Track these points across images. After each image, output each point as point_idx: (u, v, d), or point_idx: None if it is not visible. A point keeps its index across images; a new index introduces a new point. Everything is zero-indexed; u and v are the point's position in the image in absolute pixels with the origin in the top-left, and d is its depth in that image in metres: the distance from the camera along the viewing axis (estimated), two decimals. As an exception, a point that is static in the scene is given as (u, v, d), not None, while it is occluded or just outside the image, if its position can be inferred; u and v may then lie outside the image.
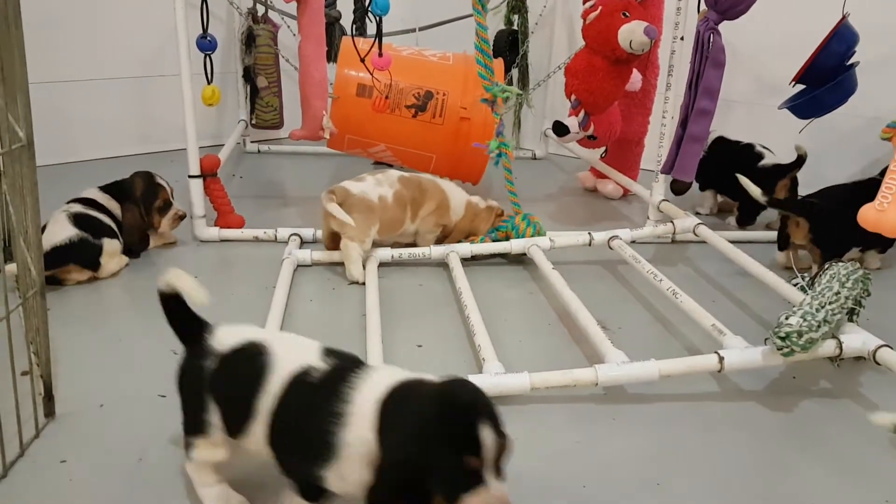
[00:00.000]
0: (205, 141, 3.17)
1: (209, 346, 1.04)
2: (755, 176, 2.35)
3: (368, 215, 1.91)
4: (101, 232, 1.86)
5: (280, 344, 1.03)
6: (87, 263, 1.82)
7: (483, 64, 1.94)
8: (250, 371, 0.99)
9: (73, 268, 1.81)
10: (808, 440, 1.28)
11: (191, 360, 1.06)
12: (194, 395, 1.04)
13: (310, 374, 0.96)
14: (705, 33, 1.82)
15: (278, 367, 0.98)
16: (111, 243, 1.87)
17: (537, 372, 1.34)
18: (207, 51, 2.08)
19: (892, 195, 1.39)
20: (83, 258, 1.81)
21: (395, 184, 2.00)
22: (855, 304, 1.45)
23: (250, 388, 0.98)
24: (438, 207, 2.06)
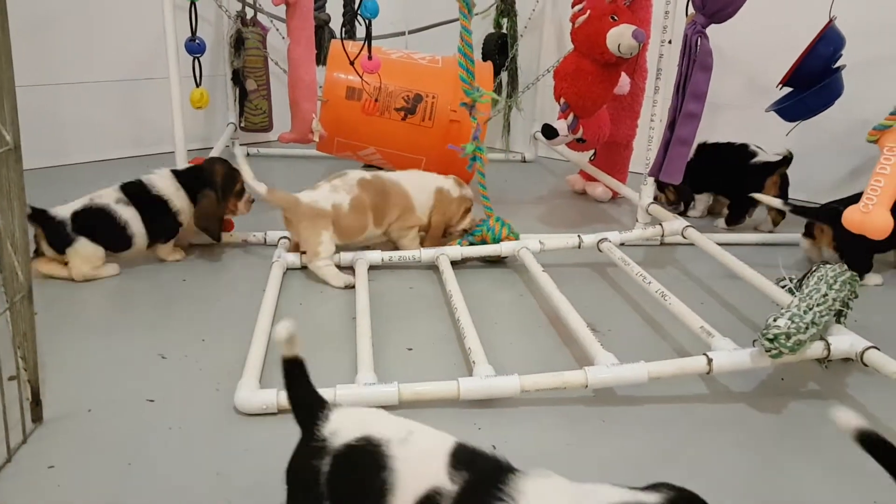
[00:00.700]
0: (194, 144, 3.16)
1: (323, 440, 0.88)
2: (746, 173, 2.38)
3: (316, 223, 1.88)
4: (96, 232, 1.85)
5: (403, 445, 0.85)
6: (55, 244, 1.83)
7: (465, 67, 1.95)
8: (367, 486, 0.83)
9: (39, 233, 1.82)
10: (796, 441, 1.28)
11: (304, 454, 0.90)
12: (304, 495, 0.90)
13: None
14: (693, 37, 1.83)
15: (401, 487, 0.81)
16: (88, 247, 1.84)
17: (527, 374, 1.34)
18: (196, 54, 2.08)
19: (876, 197, 1.40)
20: (55, 238, 1.82)
21: (353, 189, 1.95)
22: (842, 306, 1.46)
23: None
24: (402, 213, 2.02)
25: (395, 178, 2.05)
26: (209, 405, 1.33)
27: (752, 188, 2.36)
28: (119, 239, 1.89)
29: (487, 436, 1.26)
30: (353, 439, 0.86)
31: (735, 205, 2.45)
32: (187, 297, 1.80)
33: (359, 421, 0.89)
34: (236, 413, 1.30)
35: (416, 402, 1.33)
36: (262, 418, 1.29)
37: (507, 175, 3.12)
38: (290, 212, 1.91)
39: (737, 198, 2.44)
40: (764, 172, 2.37)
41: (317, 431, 0.89)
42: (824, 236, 2.01)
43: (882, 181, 1.39)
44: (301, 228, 1.90)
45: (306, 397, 0.94)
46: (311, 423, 0.90)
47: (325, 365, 1.48)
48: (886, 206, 1.39)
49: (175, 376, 1.43)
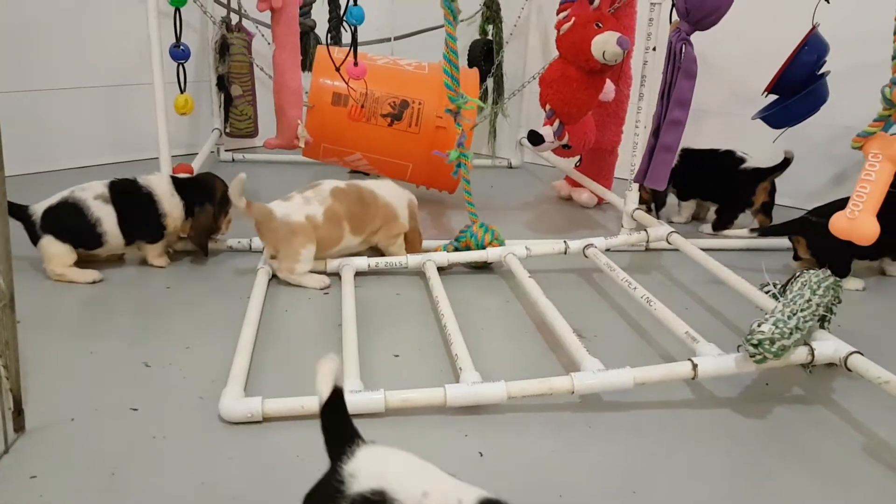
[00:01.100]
0: (178, 150, 3.15)
1: (341, 480, 0.84)
2: (737, 180, 2.41)
3: (291, 241, 1.86)
4: (64, 229, 1.84)
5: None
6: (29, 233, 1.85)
7: (449, 74, 1.95)
8: None
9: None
10: (782, 446, 1.29)
11: (323, 491, 0.86)
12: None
13: None
14: (677, 44, 1.84)
15: None
16: (53, 245, 1.84)
17: (514, 381, 1.34)
18: (180, 60, 2.07)
19: (863, 203, 1.41)
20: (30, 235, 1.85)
21: (326, 199, 1.93)
22: (826, 311, 1.47)
23: None
24: (386, 222, 2.02)
25: (371, 187, 2.03)
26: (193, 414, 1.32)
27: (744, 194, 2.40)
28: (88, 236, 1.88)
29: (474, 443, 1.26)
30: (367, 490, 0.82)
31: (724, 210, 2.46)
32: (171, 305, 1.79)
33: (380, 467, 0.84)
34: (221, 421, 1.29)
35: (402, 410, 1.32)
36: (246, 427, 1.28)
37: (494, 181, 3.13)
38: (264, 225, 1.88)
39: (726, 204, 2.46)
40: (756, 178, 2.40)
41: (339, 469, 0.85)
42: (800, 247, 2.03)
43: (867, 187, 1.41)
44: (278, 244, 1.88)
45: (339, 428, 0.90)
46: (337, 458, 0.87)
47: (310, 372, 1.46)
48: (872, 212, 1.40)
49: (159, 384, 1.42)
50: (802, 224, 2.03)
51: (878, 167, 1.41)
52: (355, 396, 1.30)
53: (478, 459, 1.22)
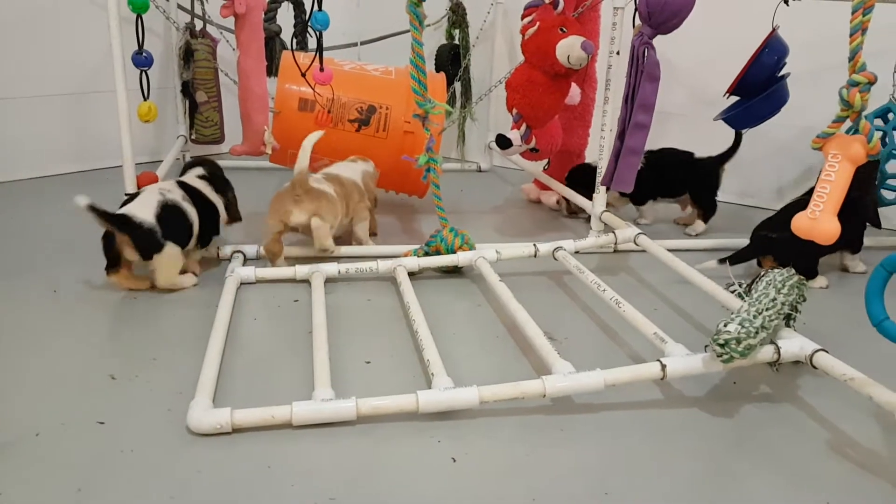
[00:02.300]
0: (143, 157, 3.11)
1: None
2: (695, 170, 2.48)
3: (334, 207, 2.03)
4: (178, 235, 1.83)
5: None
6: (142, 250, 1.79)
7: (416, 79, 1.95)
8: None
9: (126, 241, 1.77)
10: (750, 444, 1.31)
11: None
12: None
13: None
14: (640, 48, 1.86)
15: None
16: (174, 251, 1.81)
17: (486, 385, 1.34)
18: (143, 67, 2.04)
19: (823, 203, 1.44)
20: (142, 238, 1.78)
21: (329, 183, 2.08)
22: (791, 310, 1.50)
23: None
24: (359, 195, 2.20)
25: (337, 173, 2.20)
26: (161, 426, 1.30)
27: (710, 182, 2.47)
28: (186, 238, 1.87)
29: (447, 449, 1.26)
30: None
31: (702, 202, 2.52)
32: (137, 315, 1.76)
33: None
34: (189, 433, 1.27)
35: (374, 417, 1.32)
36: (215, 438, 1.26)
37: (463, 184, 3.13)
38: (306, 193, 1.96)
39: (700, 195, 2.51)
40: (717, 164, 2.48)
41: None
42: (767, 262, 2.07)
43: (828, 188, 1.43)
44: (321, 213, 1.98)
45: None
46: None
47: (280, 381, 1.46)
48: (833, 211, 1.43)
49: (126, 397, 1.39)
50: (765, 243, 2.06)
51: (838, 167, 1.44)
52: (326, 405, 1.30)
53: (451, 465, 1.22)
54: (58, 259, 2.07)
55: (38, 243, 2.19)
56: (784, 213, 2.07)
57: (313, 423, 1.29)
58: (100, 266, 2.00)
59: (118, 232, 1.77)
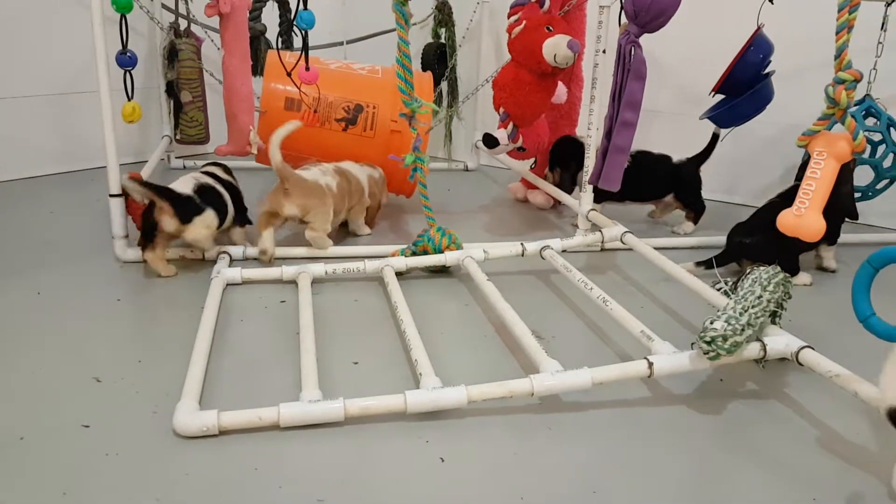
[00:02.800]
0: (127, 158, 3.09)
1: None
2: (674, 173, 2.49)
3: (324, 200, 2.10)
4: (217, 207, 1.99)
5: None
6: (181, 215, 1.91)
7: (403, 78, 1.95)
8: None
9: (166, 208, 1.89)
10: (737, 441, 1.31)
11: None
12: None
13: None
14: (626, 46, 1.86)
15: None
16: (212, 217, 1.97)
17: (474, 385, 1.34)
18: (127, 67, 2.02)
19: (809, 200, 1.45)
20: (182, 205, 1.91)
21: (334, 175, 2.19)
22: (777, 307, 1.50)
23: None
24: (361, 196, 2.31)
25: (347, 168, 2.30)
26: (147, 429, 1.29)
27: (694, 184, 2.50)
28: (223, 215, 2.02)
29: (435, 449, 1.26)
30: None
31: (689, 202, 2.53)
32: (122, 317, 1.74)
33: None
34: (175, 436, 1.26)
35: (362, 418, 1.31)
36: (202, 441, 1.25)
37: (450, 184, 3.13)
38: (296, 186, 2.06)
39: (685, 196, 2.53)
40: (697, 163, 2.50)
41: None
42: (746, 265, 2.08)
43: (813, 185, 1.44)
44: (310, 207, 2.08)
45: None
46: None
47: (268, 383, 1.45)
48: (818, 208, 1.44)
49: (111, 400, 1.38)
50: (741, 249, 2.07)
51: (823, 165, 1.45)
52: (314, 406, 1.29)
53: (439, 465, 1.22)
54: (42, 261, 2.05)
55: (21, 245, 2.17)
56: (756, 217, 2.08)
57: (301, 424, 1.29)
58: (83, 268, 2.00)
59: (159, 199, 1.89)
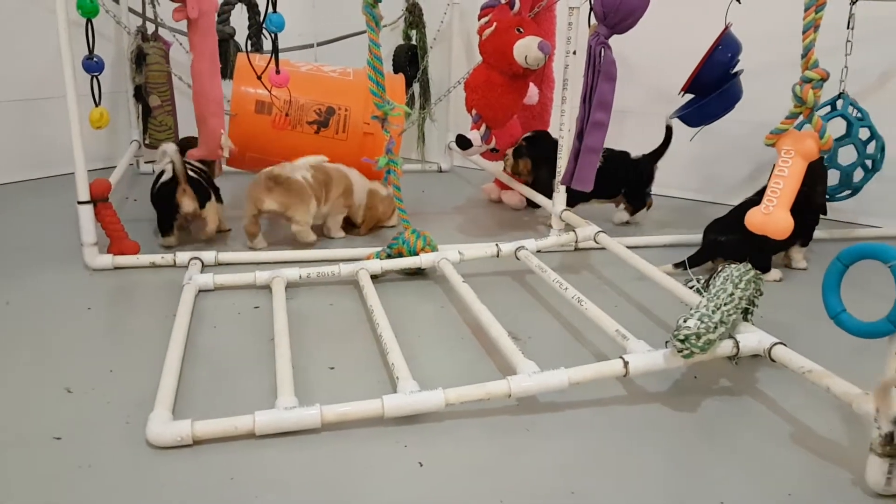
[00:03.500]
0: (96, 163, 3.04)
1: None
2: (633, 169, 2.55)
3: (304, 195, 2.18)
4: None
5: None
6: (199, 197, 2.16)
7: (375, 81, 1.94)
8: None
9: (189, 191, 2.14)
10: (712, 438, 1.33)
11: None
12: None
13: None
14: (596, 48, 1.87)
15: None
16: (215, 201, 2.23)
17: (452, 387, 1.33)
18: (94, 72, 1.99)
19: (776, 198, 1.46)
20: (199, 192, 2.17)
21: (309, 169, 2.23)
22: (749, 304, 1.52)
23: None
24: (345, 190, 2.32)
25: (336, 165, 2.35)
26: (120, 440, 1.27)
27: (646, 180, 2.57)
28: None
29: (414, 453, 1.25)
30: None
31: (634, 197, 2.59)
32: (92, 326, 1.72)
33: None
34: (149, 447, 1.24)
35: (339, 424, 1.31)
36: (176, 451, 1.24)
37: (424, 185, 3.12)
38: (277, 182, 2.15)
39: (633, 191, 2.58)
40: (652, 160, 2.56)
41: None
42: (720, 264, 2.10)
43: (781, 183, 1.45)
44: (291, 202, 2.17)
45: None
46: None
47: (242, 391, 1.44)
48: (786, 206, 1.45)
49: (82, 411, 1.36)
50: (717, 247, 2.08)
51: (791, 163, 1.46)
52: (290, 413, 1.28)
53: (418, 470, 1.21)
54: (10, 270, 2.02)
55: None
56: (732, 216, 2.10)
57: (277, 432, 1.28)
58: (53, 277, 1.97)
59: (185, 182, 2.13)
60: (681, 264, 2.06)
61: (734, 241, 2.03)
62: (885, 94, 2.55)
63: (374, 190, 2.39)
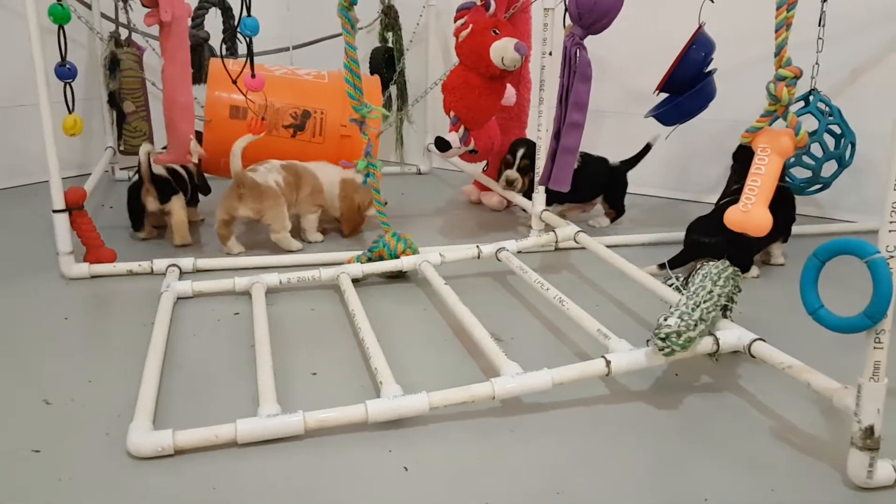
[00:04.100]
0: (70, 171, 3.01)
1: None
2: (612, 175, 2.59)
3: (278, 201, 2.19)
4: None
5: None
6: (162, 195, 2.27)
7: (352, 84, 1.94)
8: None
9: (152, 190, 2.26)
10: (694, 435, 1.33)
11: None
12: None
13: None
14: (572, 48, 1.88)
15: None
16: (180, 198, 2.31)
17: (435, 391, 1.33)
18: (67, 79, 1.96)
19: (755, 196, 1.48)
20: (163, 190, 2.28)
21: (280, 170, 2.25)
22: (728, 301, 1.53)
23: None
24: (312, 191, 2.32)
25: (305, 164, 2.35)
26: (100, 452, 1.25)
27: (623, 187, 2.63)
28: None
29: (398, 458, 1.25)
30: None
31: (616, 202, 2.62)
32: (70, 335, 1.70)
33: None
34: (130, 458, 1.23)
35: (323, 430, 1.30)
36: (157, 462, 1.22)
37: (404, 188, 3.12)
38: (249, 190, 2.16)
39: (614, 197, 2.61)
40: (628, 168, 2.62)
41: None
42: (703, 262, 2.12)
43: (758, 181, 1.46)
44: (265, 210, 2.19)
45: None
46: None
47: (224, 399, 1.42)
48: (764, 203, 1.46)
49: (61, 423, 1.34)
50: (700, 247, 2.06)
51: (768, 160, 1.48)
52: (272, 420, 1.27)
53: (403, 474, 1.21)
54: (-18, 281, 1.99)
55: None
56: (714, 216, 2.09)
57: (260, 440, 1.26)
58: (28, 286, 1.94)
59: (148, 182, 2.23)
60: (664, 265, 2.05)
61: (719, 243, 1.98)
62: (855, 91, 2.59)
63: (348, 179, 2.37)
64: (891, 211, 1.06)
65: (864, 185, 2.59)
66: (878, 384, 1.11)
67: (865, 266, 1.09)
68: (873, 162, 2.54)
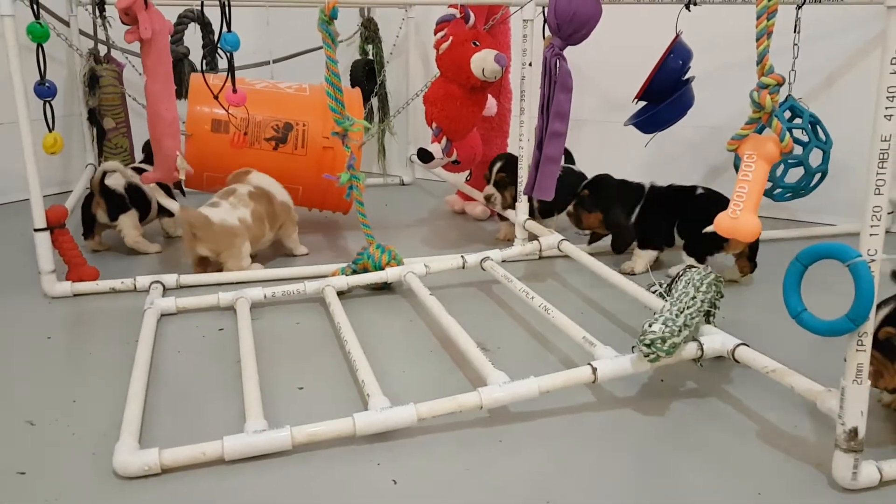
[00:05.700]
0: (51, 189, 2.99)
1: None
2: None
3: (234, 242, 2.09)
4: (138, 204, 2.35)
5: None
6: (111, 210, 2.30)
7: (333, 97, 1.94)
8: None
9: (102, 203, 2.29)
10: (681, 440, 1.34)
11: None
12: None
13: None
14: (552, 59, 1.89)
15: None
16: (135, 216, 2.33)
17: (423, 402, 1.33)
18: (47, 97, 1.95)
19: (743, 202, 1.49)
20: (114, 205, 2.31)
21: (248, 202, 2.17)
22: (711, 307, 1.55)
23: None
24: (289, 215, 2.33)
25: (267, 186, 2.29)
26: (86, 472, 1.24)
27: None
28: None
29: (387, 471, 1.25)
30: None
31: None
32: (53, 355, 1.68)
33: None
34: (117, 478, 1.22)
35: (310, 445, 1.29)
36: (144, 481, 1.21)
37: (387, 199, 3.12)
38: (202, 231, 2.06)
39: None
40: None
41: None
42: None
43: (746, 187, 1.47)
44: (220, 248, 2.09)
45: None
46: None
47: (210, 415, 1.42)
48: (753, 210, 1.47)
49: (47, 444, 1.32)
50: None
51: (754, 167, 1.49)
52: (259, 436, 1.26)
53: (392, 488, 1.21)
54: (-38, 302, 1.96)
55: (-61, 286, 2.08)
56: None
57: (247, 456, 1.26)
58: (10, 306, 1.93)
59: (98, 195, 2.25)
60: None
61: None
62: (831, 95, 2.62)
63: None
64: (872, 215, 1.08)
65: (842, 188, 2.62)
66: (862, 386, 1.13)
67: (847, 270, 1.10)
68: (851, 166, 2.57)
